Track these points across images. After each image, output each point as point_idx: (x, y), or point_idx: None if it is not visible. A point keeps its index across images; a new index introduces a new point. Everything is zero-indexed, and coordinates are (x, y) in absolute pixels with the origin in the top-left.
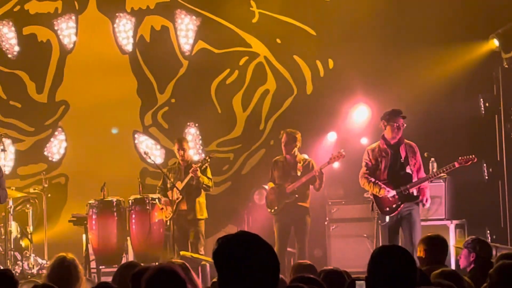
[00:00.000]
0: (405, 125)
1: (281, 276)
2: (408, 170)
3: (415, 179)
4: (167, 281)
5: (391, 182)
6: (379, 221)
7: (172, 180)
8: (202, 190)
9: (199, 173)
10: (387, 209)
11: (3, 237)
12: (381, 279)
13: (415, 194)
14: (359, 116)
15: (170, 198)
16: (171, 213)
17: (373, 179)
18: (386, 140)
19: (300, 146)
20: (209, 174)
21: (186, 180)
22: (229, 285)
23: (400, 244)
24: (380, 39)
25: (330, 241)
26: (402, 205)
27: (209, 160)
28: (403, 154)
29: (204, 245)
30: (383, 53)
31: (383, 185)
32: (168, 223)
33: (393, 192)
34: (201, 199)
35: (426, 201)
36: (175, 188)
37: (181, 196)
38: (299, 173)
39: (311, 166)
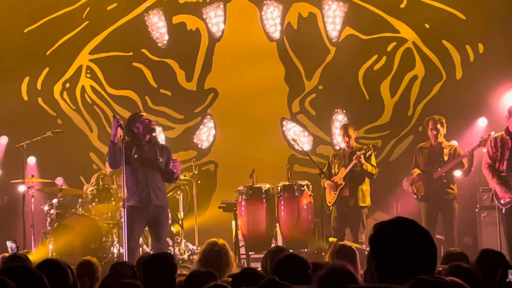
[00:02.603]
0: None
1: None
2: None
3: None
4: (340, 280)
5: (509, 174)
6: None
7: (336, 166)
8: (366, 177)
9: (363, 160)
10: (502, 201)
11: None
12: None
13: None
14: (511, 101)
15: (335, 182)
16: (334, 198)
17: (492, 172)
18: (508, 130)
19: (445, 132)
20: (373, 162)
21: (349, 167)
22: (386, 271)
23: None
24: None
25: (481, 229)
26: None
27: (372, 147)
28: None
29: (365, 232)
30: None
31: (499, 182)
32: (330, 208)
33: (506, 194)
34: (365, 187)
35: None
36: (339, 174)
37: (343, 183)
38: (446, 158)
39: (457, 152)
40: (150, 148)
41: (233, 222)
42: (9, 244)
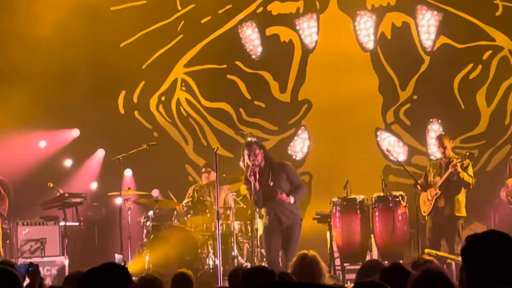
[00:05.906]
0: None
1: None
2: None
3: None
4: (435, 284)
5: None
6: None
7: (432, 175)
8: (462, 187)
9: (459, 168)
10: None
11: (250, 234)
12: None
13: None
14: None
15: (430, 193)
16: (429, 208)
17: None
18: None
19: None
20: (470, 171)
21: (445, 176)
22: (475, 283)
23: None
24: None
25: None
26: None
27: (467, 155)
28: None
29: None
30: None
31: None
32: (426, 218)
33: None
34: (461, 197)
35: None
36: (434, 183)
37: (439, 192)
38: None
39: None
40: (262, 172)
41: (328, 233)
42: (117, 257)
